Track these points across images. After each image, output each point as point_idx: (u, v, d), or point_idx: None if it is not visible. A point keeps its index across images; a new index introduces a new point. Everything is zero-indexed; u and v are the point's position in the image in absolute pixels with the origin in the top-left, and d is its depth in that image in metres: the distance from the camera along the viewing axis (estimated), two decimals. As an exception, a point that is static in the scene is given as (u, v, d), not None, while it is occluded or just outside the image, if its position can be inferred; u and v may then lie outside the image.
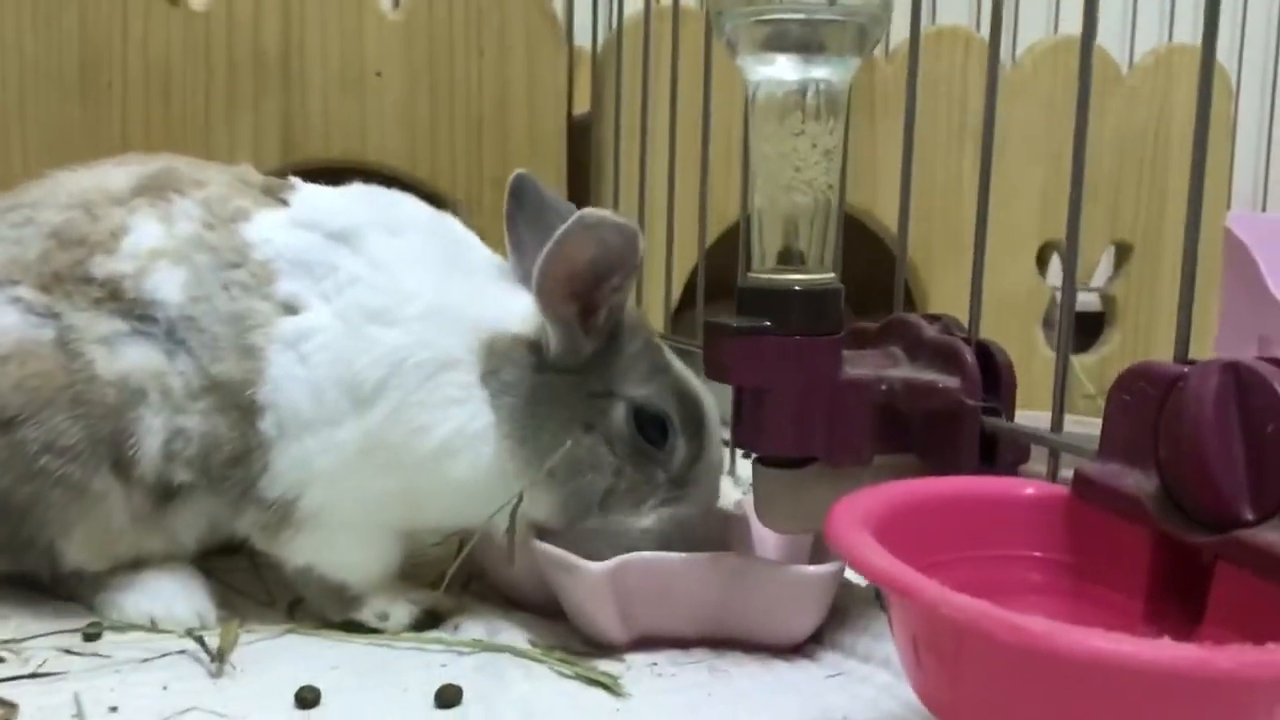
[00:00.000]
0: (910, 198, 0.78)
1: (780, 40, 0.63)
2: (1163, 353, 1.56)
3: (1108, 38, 1.78)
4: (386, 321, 0.69)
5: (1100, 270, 1.54)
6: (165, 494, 0.72)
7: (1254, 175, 2.07)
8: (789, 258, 0.65)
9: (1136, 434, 0.52)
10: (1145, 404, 0.51)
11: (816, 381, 0.64)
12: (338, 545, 0.73)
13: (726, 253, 1.04)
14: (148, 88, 1.07)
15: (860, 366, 0.67)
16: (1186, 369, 0.50)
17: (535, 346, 0.71)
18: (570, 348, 0.70)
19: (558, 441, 0.70)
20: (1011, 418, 0.65)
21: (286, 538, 0.72)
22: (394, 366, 0.69)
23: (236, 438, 0.70)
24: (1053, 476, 0.62)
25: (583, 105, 1.31)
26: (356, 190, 0.77)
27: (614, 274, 0.68)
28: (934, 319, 0.69)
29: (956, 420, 0.63)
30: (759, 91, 0.64)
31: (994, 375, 0.65)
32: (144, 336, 0.71)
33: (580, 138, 1.27)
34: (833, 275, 0.66)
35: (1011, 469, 0.64)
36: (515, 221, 0.78)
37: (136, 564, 0.75)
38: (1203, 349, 1.54)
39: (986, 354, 0.65)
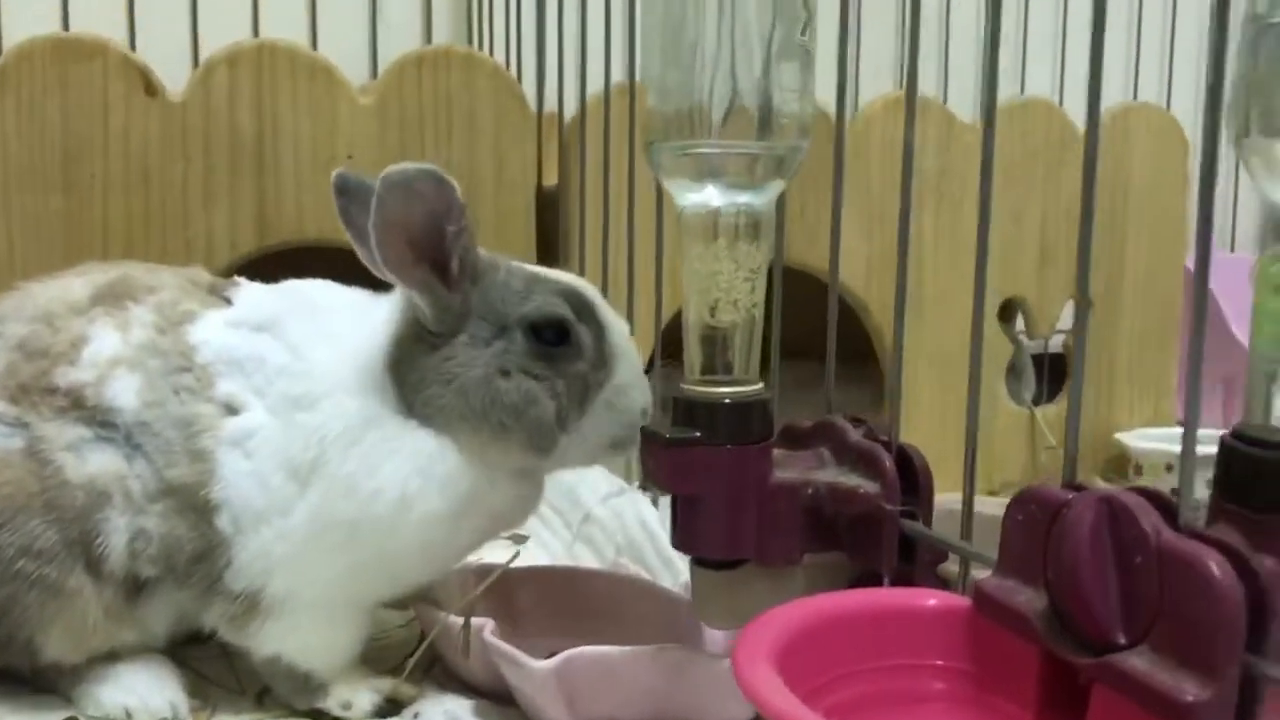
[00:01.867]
0: (837, 284, 0.82)
1: (706, 171, 0.67)
2: (1122, 404, 1.59)
3: (1069, 96, 1.82)
4: (307, 406, 0.74)
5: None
6: (134, 589, 0.76)
7: (1221, 216, 2.11)
8: (718, 369, 0.69)
9: (1029, 553, 0.55)
10: (1035, 526, 0.55)
11: (746, 487, 0.68)
12: (305, 631, 0.77)
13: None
14: (127, 177, 1.11)
15: (790, 469, 0.70)
16: (1071, 496, 0.54)
17: (415, 331, 0.75)
18: (441, 307, 0.74)
19: (489, 397, 0.73)
20: (929, 519, 0.68)
21: (255, 628, 0.76)
22: (320, 445, 0.73)
23: (197, 537, 0.74)
24: (962, 583, 0.66)
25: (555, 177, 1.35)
26: (286, 285, 0.82)
27: (447, 221, 0.72)
28: (859, 422, 0.73)
29: (877, 523, 0.67)
30: (685, 214, 0.68)
31: (912, 479, 0.69)
32: (106, 441, 0.75)
33: (553, 209, 1.31)
34: (760, 385, 0.69)
35: (931, 567, 0.68)
36: (350, 216, 0.78)
37: (111, 655, 0.79)
38: (1164, 395, 1.58)
39: (906, 459, 0.69)
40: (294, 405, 0.74)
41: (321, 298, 0.81)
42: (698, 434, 0.68)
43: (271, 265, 1.18)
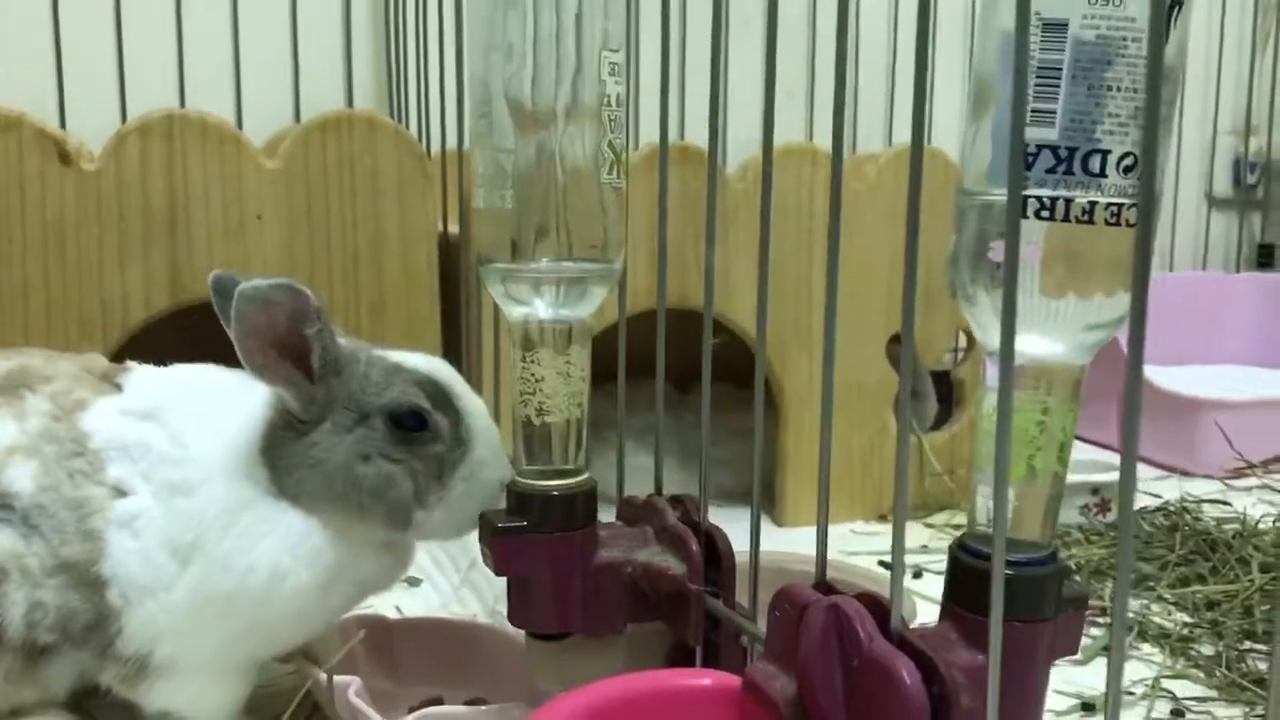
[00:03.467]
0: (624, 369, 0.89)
1: (530, 289, 0.75)
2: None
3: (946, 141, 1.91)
4: (186, 492, 0.82)
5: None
6: (34, 654, 0.84)
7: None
8: (545, 463, 0.77)
9: (785, 645, 0.64)
10: (789, 622, 0.64)
11: (571, 569, 0.77)
12: (191, 689, 0.85)
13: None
14: (45, 243, 1.18)
15: (615, 548, 0.79)
16: (815, 598, 0.63)
17: (284, 419, 0.83)
18: (306, 398, 0.82)
19: (350, 480, 0.81)
20: (731, 597, 0.77)
21: (145, 688, 0.84)
22: (198, 527, 0.81)
23: (89, 609, 0.82)
24: (750, 658, 0.74)
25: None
26: (172, 372, 0.90)
27: (305, 325, 0.80)
28: (678, 503, 0.81)
29: (685, 600, 0.76)
30: (511, 325, 0.77)
31: (717, 560, 0.77)
32: (4, 523, 0.82)
33: (457, 254, 1.39)
34: (585, 476, 0.78)
35: (734, 637, 0.77)
36: (228, 314, 0.83)
37: (15, 712, 0.87)
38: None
39: (711, 541, 0.78)
40: (174, 490, 0.82)
41: (204, 384, 0.89)
42: (525, 523, 0.76)
43: (187, 316, 1.26)
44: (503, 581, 1.09)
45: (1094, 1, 0.55)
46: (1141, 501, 1.52)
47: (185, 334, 1.19)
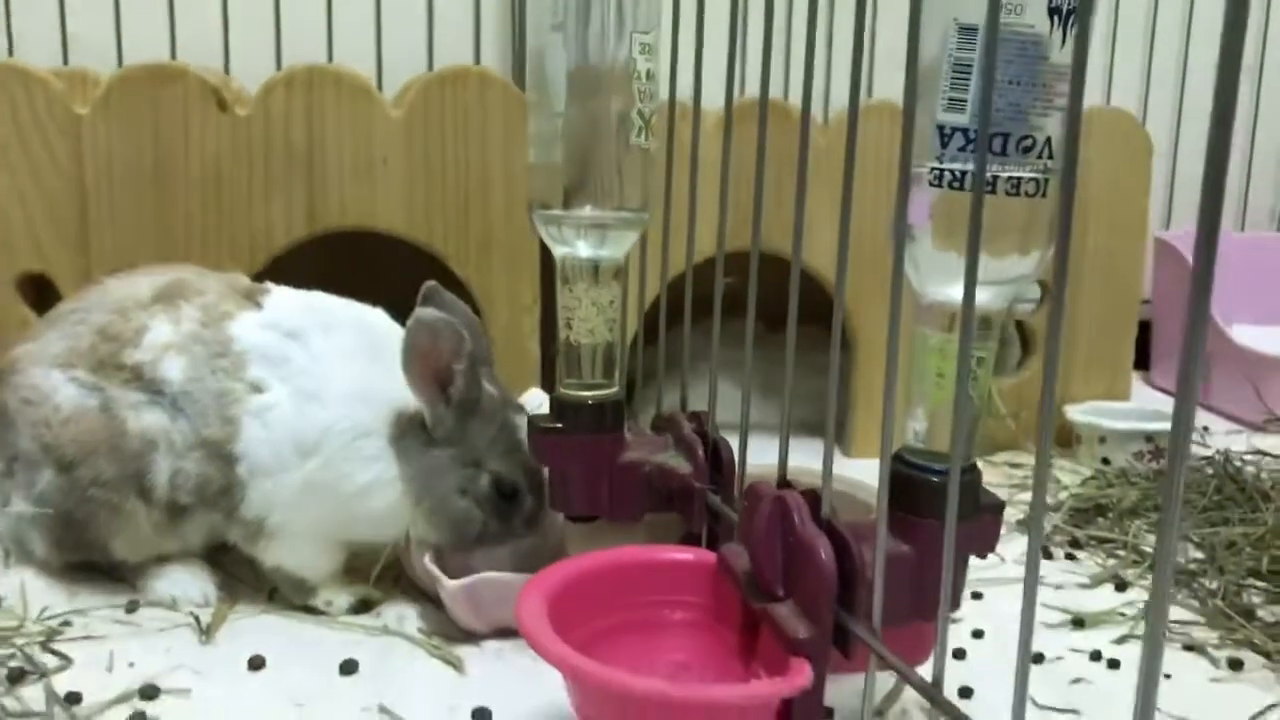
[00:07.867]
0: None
1: (576, 231, 0.91)
2: (1076, 377, 1.74)
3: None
4: (320, 402, 0.99)
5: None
6: (175, 512, 1.04)
7: (1237, 196, 2.24)
8: (582, 377, 0.93)
9: (747, 529, 0.79)
10: (749, 510, 0.78)
11: (601, 465, 0.93)
12: (297, 550, 1.04)
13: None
14: (204, 178, 1.38)
15: (638, 451, 0.95)
16: (768, 492, 0.77)
17: (421, 420, 1.00)
18: (437, 417, 0.99)
19: (442, 500, 1.00)
20: (731, 495, 0.91)
21: (262, 545, 1.04)
22: (324, 433, 0.99)
23: (221, 478, 1.01)
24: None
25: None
26: (309, 297, 1.08)
27: (456, 361, 0.97)
28: (695, 418, 0.96)
29: (690, 496, 0.91)
30: (557, 262, 0.92)
31: (719, 464, 0.92)
32: (157, 405, 1.02)
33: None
34: (615, 389, 0.94)
35: (731, 529, 0.91)
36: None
37: (162, 558, 1.08)
38: (1119, 373, 1.75)
39: (717, 449, 0.92)
40: (308, 398, 0.99)
41: (342, 314, 1.06)
42: (561, 425, 0.92)
43: (320, 244, 1.45)
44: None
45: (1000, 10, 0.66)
46: (1195, 452, 1.60)
47: (317, 260, 1.38)
